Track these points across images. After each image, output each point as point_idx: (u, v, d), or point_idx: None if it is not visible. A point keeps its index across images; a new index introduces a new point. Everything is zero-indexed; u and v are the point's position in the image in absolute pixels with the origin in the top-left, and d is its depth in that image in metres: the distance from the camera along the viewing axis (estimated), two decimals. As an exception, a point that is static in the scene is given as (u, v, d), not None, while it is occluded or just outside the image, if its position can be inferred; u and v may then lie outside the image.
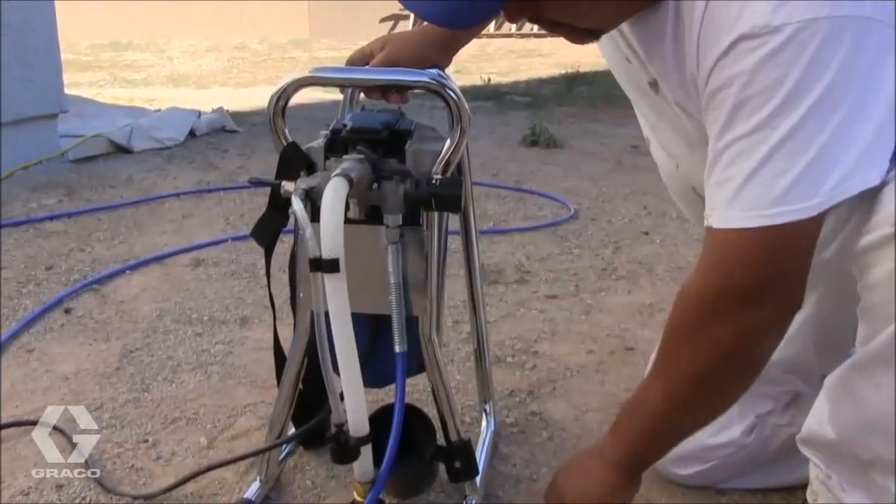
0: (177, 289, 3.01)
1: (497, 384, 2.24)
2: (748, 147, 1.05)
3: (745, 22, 1.02)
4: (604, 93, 6.99)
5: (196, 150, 5.16)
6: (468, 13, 1.13)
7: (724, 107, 1.07)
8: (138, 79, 8.96)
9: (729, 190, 1.08)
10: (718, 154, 1.09)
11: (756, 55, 1.01)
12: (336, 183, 1.23)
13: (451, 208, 1.37)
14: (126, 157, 4.93)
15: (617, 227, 3.73)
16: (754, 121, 1.04)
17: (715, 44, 1.07)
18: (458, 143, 1.40)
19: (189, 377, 2.37)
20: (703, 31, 1.10)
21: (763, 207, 1.05)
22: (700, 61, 1.11)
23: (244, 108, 6.48)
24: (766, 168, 1.04)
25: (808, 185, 1.03)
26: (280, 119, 1.45)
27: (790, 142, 1.02)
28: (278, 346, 1.69)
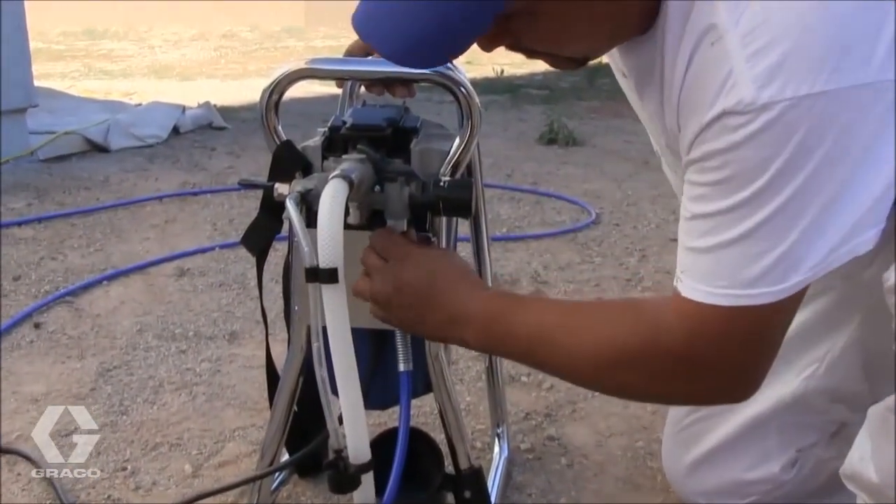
0: (159, 301, 3.02)
1: (511, 406, 2.24)
2: (728, 223, 1.06)
3: (730, 96, 1.01)
4: (629, 85, 6.98)
5: (180, 148, 5.17)
6: (434, 50, 1.10)
7: (704, 178, 1.07)
8: (116, 70, 8.99)
9: (704, 262, 1.09)
10: (695, 218, 1.10)
11: (740, 134, 1.01)
12: (335, 185, 1.23)
13: (460, 213, 1.37)
14: (103, 157, 4.95)
15: (643, 234, 3.73)
16: (735, 199, 1.04)
17: (696, 112, 1.06)
18: (468, 142, 1.41)
19: (172, 398, 2.37)
20: (684, 92, 1.10)
21: (739, 287, 1.06)
22: (681, 123, 1.12)
23: (233, 102, 6.51)
24: (744, 246, 1.05)
25: (788, 266, 1.04)
26: (273, 115, 1.45)
27: (772, 223, 1.03)
28: (271, 364, 1.69)
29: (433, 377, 1.53)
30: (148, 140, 5.21)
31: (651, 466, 2.06)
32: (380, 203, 1.36)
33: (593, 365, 1.19)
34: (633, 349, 1.16)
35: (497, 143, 5.27)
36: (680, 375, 1.15)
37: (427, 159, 1.42)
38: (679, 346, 1.12)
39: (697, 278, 1.10)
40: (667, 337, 1.13)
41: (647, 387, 1.20)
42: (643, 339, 1.15)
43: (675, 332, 1.12)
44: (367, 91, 1.54)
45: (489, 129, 5.50)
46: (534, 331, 1.23)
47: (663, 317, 1.14)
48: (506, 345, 1.30)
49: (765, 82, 0.99)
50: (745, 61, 1.00)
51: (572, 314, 1.23)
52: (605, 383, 1.27)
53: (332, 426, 1.31)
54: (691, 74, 1.08)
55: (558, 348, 1.21)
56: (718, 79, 1.03)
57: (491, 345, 1.33)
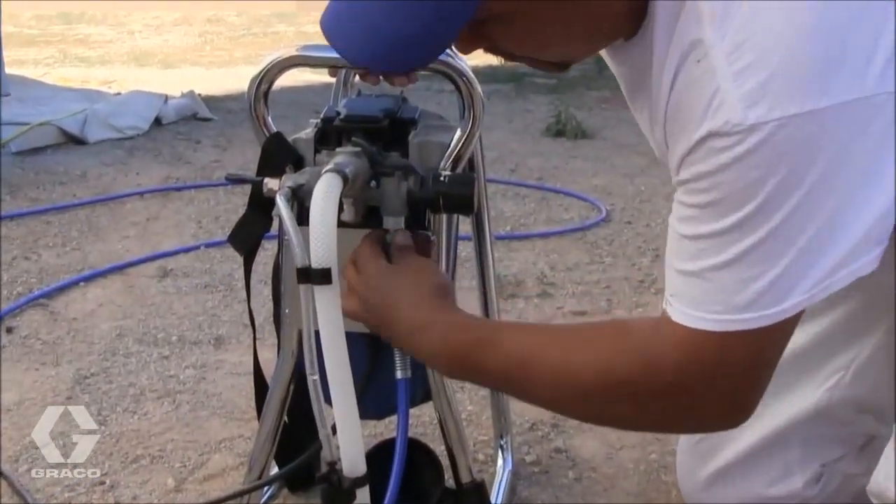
0: (140, 304, 3.03)
1: (515, 416, 2.25)
2: (718, 246, 1.06)
3: (716, 116, 1.02)
4: (642, 74, 6.98)
5: (163, 141, 5.17)
6: (405, 53, 1.11)
7: (692, 200, 1.08)
8: (93, 56, 8.98)
9: (694, 286, 1.10)
10: (684, 239, 1.11)
11: (727, 155, 1.01)
12: (328, 180, 1.24)
13: (461, 210, 1.38)
14: (79, 150, 4.95)
15: (657, 232, 3.74)
16: (725, 223, 1.05)
17: (683, 132, 1.07)
18: (469, 134, 1.41)
19: (154, 408, 2.38)
20: (670, 110, 1.10)
21: (732, 311, 1.07)
22: (669, 142, 1.12)
23: (219, 91, 6.50)
24: (736, 271, 1.06)
25: (782, 289, 1.05)
26: (262, 105, 1.46)
27: (764, 247, 1.03)
28: (259, 371, 1.70)
29: (432, 384, 1.53)
30: (128, 132, 5.21)
31: (665, 481, 2.06)
32: (376, 199, 1.36)
33: (580, 396, 1.19)
34: (622, 378, 1.16)
35: (501, 136, 5.27)
36: (672, 404, 1.15)
37: (426, 153, 1.42)
38: (671, 373, 1.12)
39: (687, 302, 1.11)
40: (658, 364, 1.13)
41: (637, 417, 1.21)
42: (633, 366, 1.15)
43: (667, 360, 1.12)
44: (362, 80, 1.54)
45: (492, 120, 5.50)
46: (510, 361, 1.22)
47: (653, 343, 1.14)
48: (479, 377, 1.31)
49: (752, 102, 0.99)
50: (732, 80, 1.00)
51: (551, 342, 1.22)
52: (593, 414, 1.27)
53: (324, 436, 1.32)
54: (677, 92, 1.08)
55: (538, 379, 1.20)
56: (704, 98, 1.03)
57: (461, 376, 1.33)
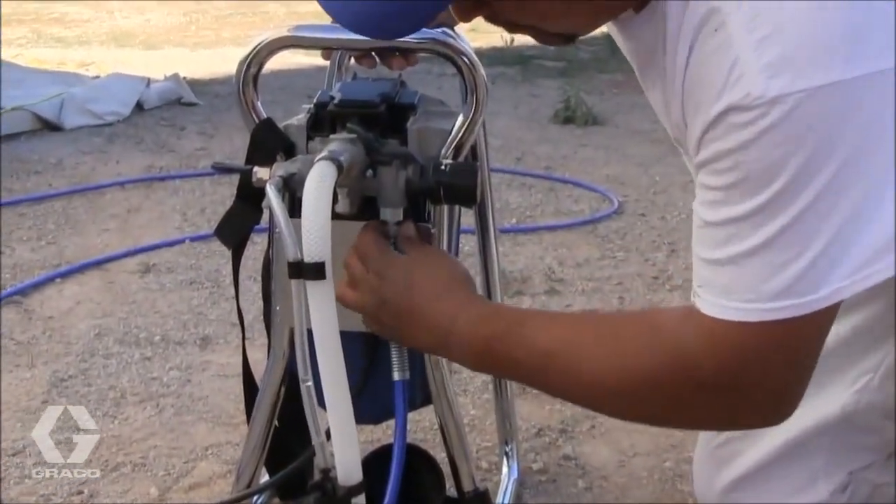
0: (120, 301, 3.03)
1: (521, 421, 2.25)
2: (745, 230, 1.06)
3: (735, 89, 1.02)
4: (656, 56, 6.97)
5: (145, 127, 5.18)
6: (399, 19, 1.11)
7: (715, 182, 1.07)
8: (70, 36, 8.98)
9: (722, 274, 1.09)
10: (709, 226, 1.11)
11: (750, 131, 1.01)
12: (321, 169, 1.24)
13: (463, 201, 1.38)
14: (56, 137, 4.96)
15: (672, 225, 3.74)
16: (751, 204, 1.04)
17: (701, 108, 1.06)
18: (472, 120, 1.41)
19: (136, 412, 2.38)
20: (687, 85, 1.10)
21: (765, 300, 1.06)
22: (687, 120, 1.12)
23: (205, 74, 6.50)
24: (766, 256, 1.05)
25: (818, 274, 1.04)
26: (251, 89, 1.46)
27: (795, 228, 1.03)
28: (249, 372, 1.70)
29: (433, 387, 1.54)
30: (107, 118, 5.21)
31: (681, 490, 2.07)
32: (372, 189, 1.36)
33: (607, 391, 1.19)
34: (651, 373, 1.16)
35: (506, 122, 5.27)
36: (705, 400, 1.15)
37: (426, 140, 1.43)
38: (703, 368, 1.12)
39: (717, 292, 1.11)
40: (689, 359, 1.13)
41: (668, 413, 1.21)
42: (662, 361, 1.15)
43: (698, 354, 1.12)
44: (358, 63, 1.54)
45: (497, 105, 5.49)
46: (535, 353, 1.23)
47: (683, 337, 1.14)
48: (505, 368, 1.30)
49: (774, 72, 0.99)
50: (752, 49, 1.00)
51: (579, 334, 1.22)
52: (622, 410, 1.27)
53: (318, 442, 1.32)
54: (693, 65, 1.08)
55: (565, 374, 1.21)
56: (723, 70, 1.02)
57: (488, 368, 1.33)
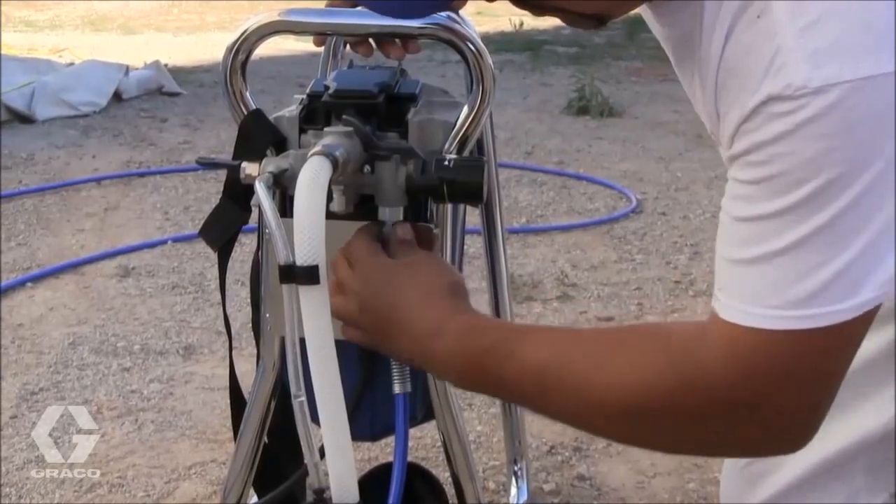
0: (97, 308, 3.03)
1: (532, 438, 2.25)
2: (776, 229, 1.06)
3: (777, 78, 1.01)
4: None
5: (123, 119, 5.18)
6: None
7: (747, 175, 1.07)
8: (42, 20, 9.00)
9: (748, 277, 1.09)
10: (737, 223, 1.11)
11: (789, 122, 1.01)
12: (315, 164, 1.24)
13: (469, 199, 1.38)
14: (26, 129, 4.97)
15: (696, 225, 3.74)
16: (785, 202, 1.04)
17: (737, 97, 1.06)
18: (478, 112, 1.41)
19: (113, 427, 2.39)
20: (722, 73, 1.10)
21: (792, 307, 1.06)
22: (720, 110, 1.12)
23: (188, 62, 6.51)
24: (797, 258, 1.05)
25: (852, 281, 1.04)
26: (238, 78, 1.46)
27: (831, 231, 1.03)
28: (236, 385, 1.70)
29: (435, 401, 1.54)
30: (82, 108, 5.22)
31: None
32: (370, 187, 1.37)
33: (612, 413, 1.18)
34: (660, 394, 1.15)
35: (515, 113, 5.28)
36: (721, 423, 1.14)
37: (428, 133, 1.43)
38: (720, 383, 1.11)
39: (740, 297, 1.10)
40: (703, 375, 1.12)
41: (679, 438, 1.20)
42: (675, 378, 1.14)
43: (715, 367, 1.12)
44: (354, 50, 1.55)
45: (505, 95, 5.50)
46: (529, 370, 1.21)
47: (698, 349, 1.14)
48: (493, 387, 1.30)
49: (820, 61, 0.99)
50: (797, 36, 1.00)
51: (578, 350, 1.22)
52: (629, 435, 1.26)
53: (311, 461, 1.32)
54: (730, 52, 1.08)
55: (562, 394, 1.20)
56: (763, 58, 1.03)
57: (474, 386, 1.32)
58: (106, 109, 5.28)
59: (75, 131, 4.93)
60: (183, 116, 5.21)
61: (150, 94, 5.61)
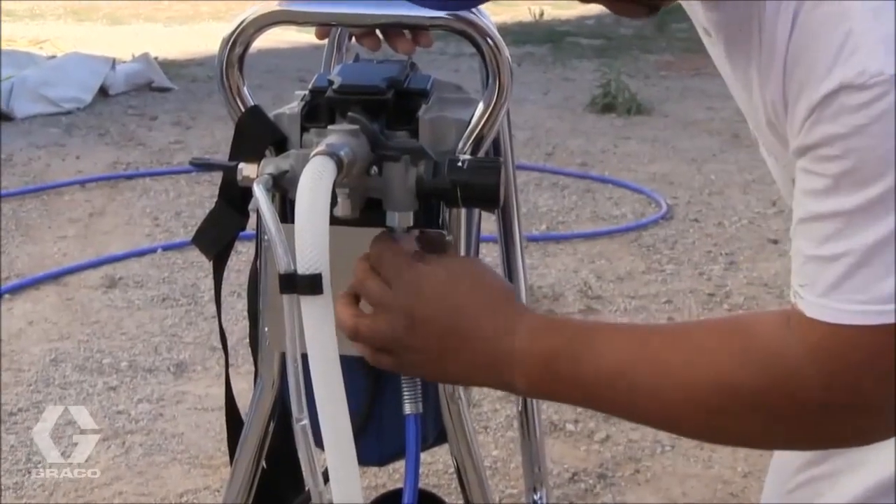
0: (81, 321, 3.04)
1: (552, 463, 2.25)
2: (859, 224, 1.06)
3: (849, 64, 1.02)
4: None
5: (110, 116, 5.19)
6: None
7: (823, 169, 1.08)
8: (20, 9, 9.01)
9: (831, 272, 1.10)
10: (816, 219, 1.11)
11: (864, 115, 1.01)
12: (318, 165, 1.24)
13: (484, 203, 1.38)
14: (4, 127, 4.98)
15: (731, 233, 3.74)
16: (867, 196, 1.04)
17: (806, 87, 1.07)
18: (494, 109, 1.41)
19: (98, 451, 2.39)
20: (790, 59, 1.10)
21: (881, 301, 1.07)
22: (788, 98, 1.12)
23: (180, 55, 6.53)
24: (884, 252, 1.06)
25: None
26: (235, 72, 1.46)
27: None
28: (232, 405, 1.70)
29: (448, 423, 1.54)
30: (65, 105, 5.23)
31: (741, 546, 2.07)
32: (377, 190, 1.37)
33: (692, 411, 1.19)
34: (746, 392, 1.16)
35: (534, 111, 5.28)
36: (811, 417, 1.15)
37: (440, 132, 1.43)
38: (811, 383, 1.12)
39: (823, 292, 1.11)
40: (791, 371, 1.13)
41: (764, 433, 1.21)
42: (758, 375, 1.15)
43: (802, 364, 1.13)
44: (359, 42, 1.55)
45: (524, 91, 5.51)
46: (605, 370, 1.22)
47: (783, 345, 1.15)
48: (568, 388, 1.30)
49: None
50: (871, 19, 1.00)
51: (656, 346, 1.23)
52: (708, 432, 1.27)
53: (314, 487, 1.33)
54: (798, 36, 1.09)
55: (640, 393, 1.21)
56: (834, 43, 1.03)
57: (547, 389, 1.32)
58: (91, 106, 5.30)
59: (57, 130, 4.94)
60: (174, 114, 5.22)
61: (139, 90, 5.62)
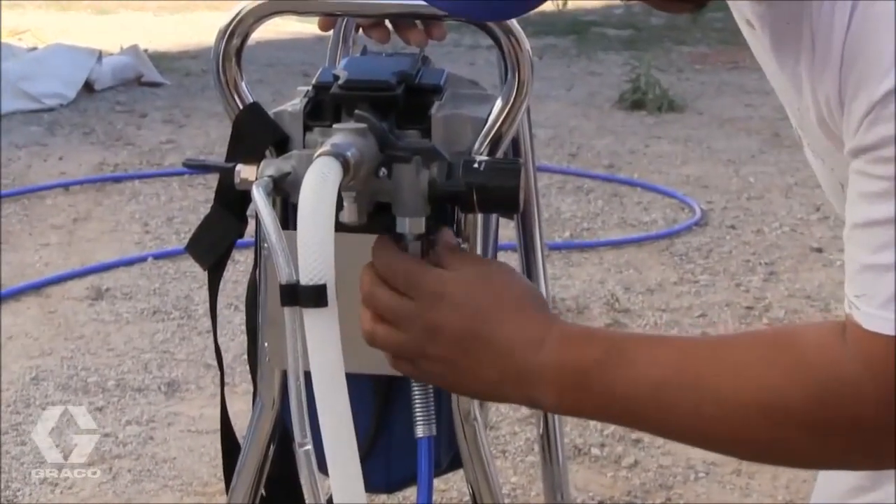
0: (64, 336, 3.05)
1: (577, 491, 2.25)
2: None
3: None
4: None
5: (95, 113, 5.20)
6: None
7: (882, 171, 1.08)
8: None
9: (889, 282, 1.10)
10: (873, 225, 1.12)
11: None
12: (322, 167, 1.24)
13: (502, 209, 1.38)
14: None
15: (771, 241, 3.74)
16: None
17: (865, 83, 1.07)
18: (513, 106, 1.42)
19: (84, 477, 2.39)
20: (847, 55, 1.11)
21: None
22: (845, 97, 1.13)
23: (172, 47, 6.54)
24: None
25: None
26: (233, 66, 1.47)
27: None
28: (228, 427, 1.71)
29: (463, 446, 1.54)
30: (47, 101, 5.25)
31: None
32: (387, 193, 1.37)
33: (737, 429, 1.19)
34: (796, 406, 1.16)
35: (557, 108, 5.28)
36: (864, 433, 1.14)
37: (455, 130, 1.44)
38: (865, 397, 1.13)
39: (884, 303, 1.11)
40: (845, 387, 1.14)
41: (814, 453, 1.21)
42: (810, 391, 1.16)
43: (858, 380, 1.13)
44: (367, 34, 1.56)
45: (546, 87, 5.52)
46: (643, 384, 1.22)
47: (836, 359, 1.15)
48: (600, 404, 1.30)
49: None
50: None
51: (698, 360, 1.23)
52: (754, 451, 1.28)
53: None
54: (856, 30, 1.09)
55: (683, 410, 1.21)
56: (893, 38, 1.05)
57: (577, 404, 1.32)
58: (75, 102, 5.31)
59: (39, 128, 4.96)
60: (166, 111, 5.23)
61: (127, 85, 5.64)
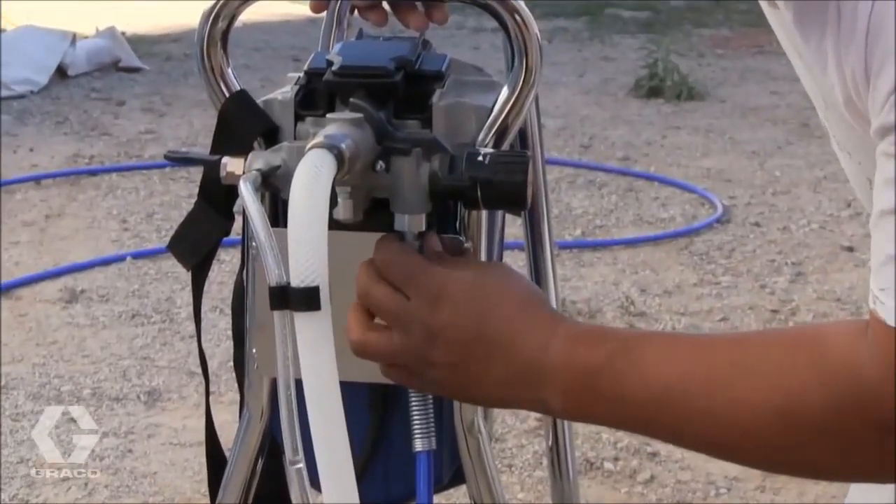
0: (36, 341, 3.05)
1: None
2: None
3: None
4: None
5: (69, 101, 5.21)
6: None
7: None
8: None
9: None
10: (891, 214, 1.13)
11: None
12: (315, 160, 1.25)
13: (508, 205, 1.38)
14: (-52, 115, 5.01)
15: (799, 239, 3.74)
16: None
17: (889, 61, 1.09)
18: (520, 94, 1.42)
19: (56, 494, 2.40)
20: (872, 32, 1.12)
21: None
22: (870, 72, 1.14)
23: (152, 29, 6.54)
24: None
25: None
26: (218, 50, 1.47)
27: None
28: (213, 439, 1.71)
29: (466, 460, 1.54)
30: (16, 88, 5.25)
31: None
32: (384, 188, 1.37)
33: (755, 436, 1.20)
34: (814, 410, 1.16)
35: (568, 96, 5.29)
36: (886, 440, 1.16)
37: (457, 120, 1.44)
38: (886, 400, 1.13)
39: None
40: (865, 388, 1.14)
41: (833, 460, 1.21)
42: (829, 393, 1.16)
43: (880, 381, 1.13)
44: (363, 16, 1.56)
45: (556, 73, 5.52)
46: (654, 386, 1.22)
47: (858, 357, 1.15)
48: (610, 408, 1.30)
49: None
50: None
51: (713, 361, 1.23)
52: (770, 459, 1.28)
53: (308, 535, 1.34)
54: (882, 6, 1.10)
55: (697, 415, 1.21)
56: None
57: (586, 408, 1.32)
58: (47, 89, 5.32)
59: (8, 116, 4.96)
60: (145, 98, 5.23)
61: (104, 70, 5.64)
